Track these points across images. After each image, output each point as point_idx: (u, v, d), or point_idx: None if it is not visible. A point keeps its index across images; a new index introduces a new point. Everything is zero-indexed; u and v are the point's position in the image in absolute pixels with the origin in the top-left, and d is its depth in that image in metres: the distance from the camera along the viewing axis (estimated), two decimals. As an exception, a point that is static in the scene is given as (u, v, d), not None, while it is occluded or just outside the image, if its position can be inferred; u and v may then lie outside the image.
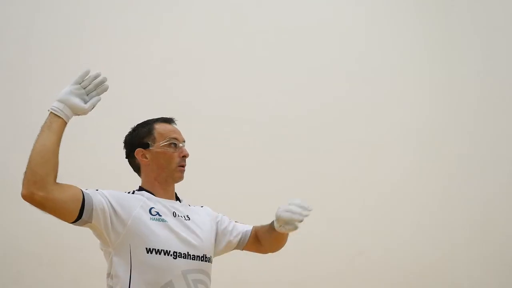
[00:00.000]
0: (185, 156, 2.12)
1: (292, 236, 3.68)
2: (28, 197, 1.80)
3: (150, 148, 2.09)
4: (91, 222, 1.92)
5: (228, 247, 2.22)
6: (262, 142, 3.77)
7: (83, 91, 1.93)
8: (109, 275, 1.98)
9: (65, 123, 1.91)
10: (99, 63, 3.59)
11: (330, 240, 3.74)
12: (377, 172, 3.92)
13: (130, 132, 2.17)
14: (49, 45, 3.58)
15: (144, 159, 2.10)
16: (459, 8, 4.21)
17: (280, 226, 2.08)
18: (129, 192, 2.08)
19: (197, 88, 3.74)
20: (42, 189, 1.81)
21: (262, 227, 2.22)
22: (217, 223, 2.20)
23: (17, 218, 3.34)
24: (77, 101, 1.91)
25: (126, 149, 2.16)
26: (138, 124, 2.18)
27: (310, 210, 2.07)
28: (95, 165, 3.39)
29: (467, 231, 3.93)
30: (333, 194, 3.82)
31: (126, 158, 2.16)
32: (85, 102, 1.93)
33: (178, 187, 2.24)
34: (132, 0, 3.76)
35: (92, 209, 1.91)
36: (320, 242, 3.73)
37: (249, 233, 2.23)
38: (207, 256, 2.06)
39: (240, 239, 2.22)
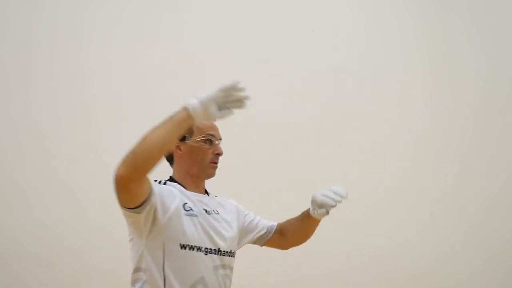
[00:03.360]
0: (218, 154, 2.13)
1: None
2: (124, 179, 1.75)
3: (186, 141, 2.09)
4: (139, 214, 1.89)
5: (251, 242, 2.27)
6: (262, 144, 3.77)
7: (224, 100, 1.85)
8: (138, 269, 1.96)
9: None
10: (100, 63, 3.61)
11: (330, 241, 3.74)
12: (377, 173, 3.92)
13: None
14: (49, 45, 3.57)
15: (178, 151, 2.10)
16: (459, 8, 4.21)
17: (313, 209, 2.16)
18: (160, 182, 2.07)
19: (197, 88, 3.73)
20: (140, 180, 1.79)
21: (290, 219, 2.30)
22: (244, 217, 2.24)
23: (17, 218, 3.34)
24: (214, 109, 1.83)
25: None
26: None
27: (344, 198, 2.10)
28: (97, 164, 3.38)
29: (467, 233, 3.94)
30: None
31: None
32: (219, 110, 1.85)
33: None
34: (132, 1, 3.75)
35: (148, 204, 1.89)
36: (320, 243, 3.73)
37: (274, 228, 2.30)
38: (233, 251, 2.09)
39: (264, 233, 2.27)
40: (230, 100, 1.85)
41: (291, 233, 2.30)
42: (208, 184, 3.72)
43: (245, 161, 3.71)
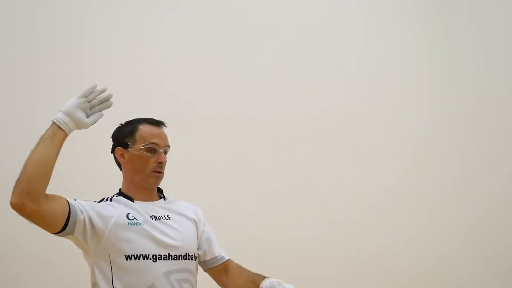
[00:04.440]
0: (161, 163, 2.07)
1: (291, 237, 3.70)
2: (18, 207, 1.81)
3: (129, 149, 2.08)
4: (73, 234, 1.94)
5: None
6: (262, 144, 3.76)
7: (87, 105, 1.94)
8: (94, 284, 2.00)
9: (66, 136, 1.91)
10: (100, 63, 3.60)
11: (330, 241, 3.74)
12: (377, 173, 3.92)
13: (116, 128, 2.17)
14: (49, 45, 3.57)
15: (122, 159, 2.10)
16: (459, 8, 4.20)
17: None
18: (107, 199, 2.07)
19: (197, 89, 3.74)
20: (35, 202, 1.81)
21: (243, 270, 2.18)
22: (202, 232, 2.18)
23: (17, 218, 3.33)
24: (81, 116, 1.92)
25: (112, 144, 2.17)
26: (125, 122, 2.17)
27: None
28: (96, 164, 3.38)
29: (467, 233, 3.94)
30: (333, 196, 3.81)
31: (111, 153, 2.17)
32: (88, 116, 1.94)
33: (178, 189, 2.24)
34: (132, 1, 3.75)
35: (76, 222, 1.92)
36: (319, 243, 3.73)
37: (222, 261, 2.18)
38: (190, 254, 2.06)
39: (210, 259, 2.17)
40: (94, 103, 1.94)
41: (235, 285, 2.16)
42: (207, 183, 3.73)
43: (245, 161, 3.71)
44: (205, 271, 2.21)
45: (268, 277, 2.07)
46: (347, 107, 3.94)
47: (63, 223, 1.90)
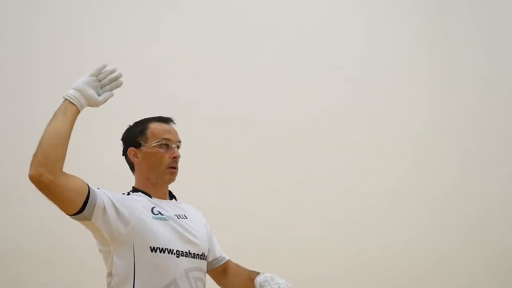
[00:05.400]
0: (175, 158, 2.08)
1: (291, 237, 3.70)
2: (36, 178, 1.78)
3: (141, 148, 2.08)
4: (90, 220, 1.91)
5: None
6: (262, 144, 3.77)
7: (98, 83, 1.96)
8: (110, 274, 1.97)
9: (78, 112, 1.92)
10: (100, 64, 3.60)
11: (330, 241, 3.74)
12: (377, 173, 3.92)
13: (126, 130, 2.17)
14: (49, 45, 3.57)
15: (136, 158, 2.09)
16: (459, 8, 4.20)
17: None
18: (123, 194, 2.07)
19: (197, 89, 3.74)
20: (51, 173, 1.78)
21: (241, 268, 2.22)
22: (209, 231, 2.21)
23: (17, 218, 3.34)
24: (92, 92, 1.94)
25: (123, 146, 2.16)
26: (134, 122, 2.17)
27: None
28: (96, 164, 3.38)
29: (467, 233, 3.94)
30: (333, 196, 3.81)
31: (122, 155, 2.16)
32: (99, 95, 1.96)
33: (177, 189, 2.24)
34: (132, 1, 3.75)
35: (95, 206, 1.90)
36: (320, 243, 3.73)
37: (224, 261, 2.24)
38: (205, 254, 2.09)
39: (212, 260, 2.20)
40: (104, 82, 1.98)
41: (233, 283, 2.21)
42: (207, 183, 3.73)
43: (245, 161, 3.71)
44: (206, 272, 2.21)
45: (262, 273, 2.09)
46: (347, 107, 3.94)
47: (81, 204, 1.87)
